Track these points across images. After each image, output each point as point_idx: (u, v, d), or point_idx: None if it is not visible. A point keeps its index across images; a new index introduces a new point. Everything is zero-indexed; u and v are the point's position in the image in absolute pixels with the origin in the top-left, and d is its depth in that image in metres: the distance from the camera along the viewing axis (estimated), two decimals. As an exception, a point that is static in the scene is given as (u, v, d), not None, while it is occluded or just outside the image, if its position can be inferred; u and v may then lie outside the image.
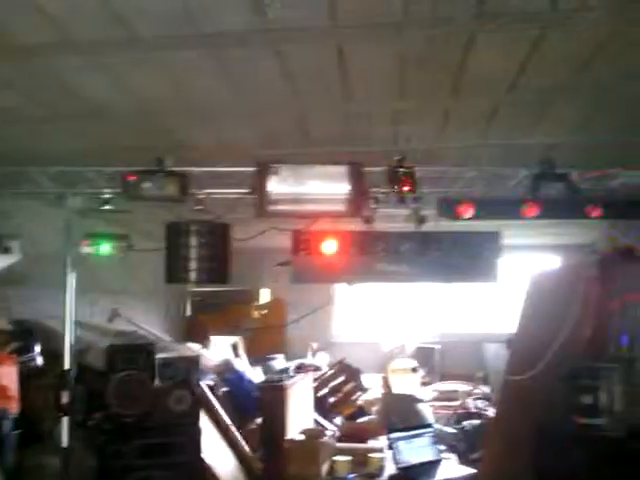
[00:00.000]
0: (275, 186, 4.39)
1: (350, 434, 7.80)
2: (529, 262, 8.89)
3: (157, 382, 5.23)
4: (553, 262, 8.18)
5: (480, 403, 8.77)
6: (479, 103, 4.22)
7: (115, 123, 4.30)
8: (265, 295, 8.91)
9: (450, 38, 3.33)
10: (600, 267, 5.45)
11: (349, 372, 8.82)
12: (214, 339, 8.41)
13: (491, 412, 8.01)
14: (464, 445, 7.76)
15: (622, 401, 5.46)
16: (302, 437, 6.93)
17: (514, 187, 4.68)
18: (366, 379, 8.94)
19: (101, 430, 4.89)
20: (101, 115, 4.18)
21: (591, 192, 4.65)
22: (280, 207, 4.48)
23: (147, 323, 7.59)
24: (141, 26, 3.08)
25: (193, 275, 4.78)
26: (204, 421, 6.01)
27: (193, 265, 4.74)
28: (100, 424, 4.89)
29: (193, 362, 6.26)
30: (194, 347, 7.75)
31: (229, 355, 8.24)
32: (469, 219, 4.67)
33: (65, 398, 4.93)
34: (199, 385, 6.39)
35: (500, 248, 4.90)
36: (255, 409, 7.24)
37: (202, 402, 6.42)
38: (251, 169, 4.30)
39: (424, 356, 9.61)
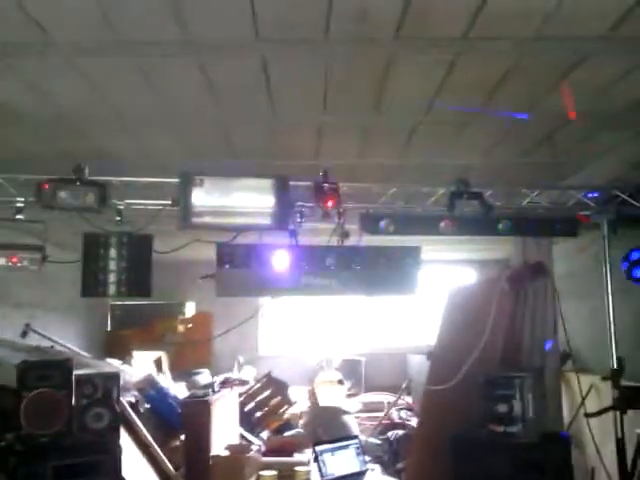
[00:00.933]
0: (199, 198, 4.34)
1: (276, 448, 7.76)
2: (448, 276, 9.23)
3: (74, 400, 5.01)
4: (470, 276, 8.54)
5: (404, 413, 8.97)
6: (399, 122, 4.39)
7: (30, 129, 4.14)
8: (190, 309, 8.75)
9: (371, 57, 3.46)
10: (511, 281, 5.75)
11: (276, 386, 8.79)
12: (136, 354, 8.16)
13: (414, 422, 8.20)
14: (389, 455, 7.90)
15: (534, 409, 5.76)
16: (227, 453, 6.84)
17: (432, 204, 4.86)
18: (293, 392, 8.94)
19: (12, 452, 4.62)
20: (15, 120, 4.02)
21: (503, 210, 4.90)
22: (204, 219, 4.42)
23: (64, 338, 7.27)
24: (57, 30, 3.00)
25: (112, 288, 4.62)
26: (125, 439, 5.81)
27: (112, 278, 4.59)
28: (12, 445, 4.62)
29: (113, 378, 6.04)
30: (114, 363, 7.49)
31: (152, 371, 8.01)
32: (390, 234, 4.80)
33: (-28, 418, 4.62)
34: (119, 402, 6.17)
35: (420, 262, 5.07)
36: (179, 426, 7.07)
37: (123, 420, 6.21)
38: (174, 180, 4.24)
39: (350, 368, 9.72)
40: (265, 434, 8.40)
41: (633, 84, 3.84)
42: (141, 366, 7.95)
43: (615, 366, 5.12)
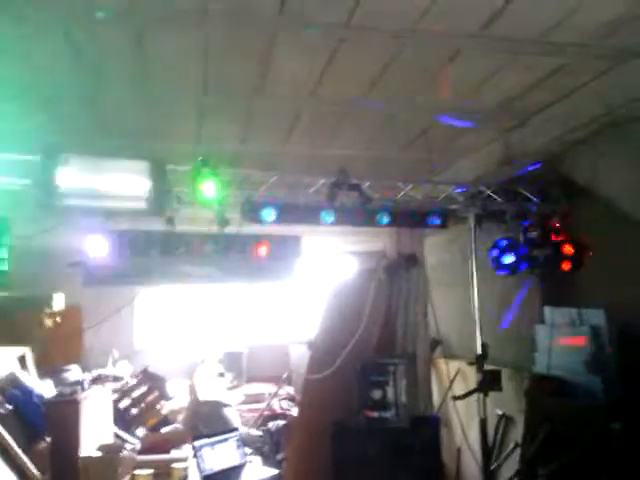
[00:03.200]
0: (66, 178, 4.02)
1: (153, 445, 7.48)
2: (328, 267, 9.43)
3: None
4: (351, 267, 8.78)
5: (285, 404, 9.02)
6: (282, 107, 4.36)
7: None
8: (59, 301, 8.14)
9: (253, 35, 3.39)
10: (387, 271, 6.00)
11: (153, 381, 8.47)
12: (-3, 350, 7.45)
13: (295, 412, 8.28)
14: (270, 446, 7.91)
15: (406, 394, 6.04)
16: (99, 453, 6.48)
17: (313, 194, 4.91)
18: (172, 387, 8.67)
19: None
20: None
21: (380, 202, 5.06)
22: (71, 201, 4.11)
23: None
24: None
25: (-39, 277, 4.17)
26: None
27: (-39, 264, 4.15)
28: None
29: (-36, 377, 5.50)
30: (-32, 360, 6.79)
31: (15, 368, 7.37)
32: (271, 223, 4.78)
33: None
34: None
35: (300, 251, 5.10)
36: (46, 427, 6.59)
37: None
38: (36, 157, 3.89)
39: (232, 361, 9.60)
40: (142, 431, 8.06)
41: (500, 84, 4.11)
42: (2, 363, 7.28)
43: (479, 352, 5.48)
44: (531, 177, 5.31)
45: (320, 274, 8.98)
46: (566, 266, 5.22)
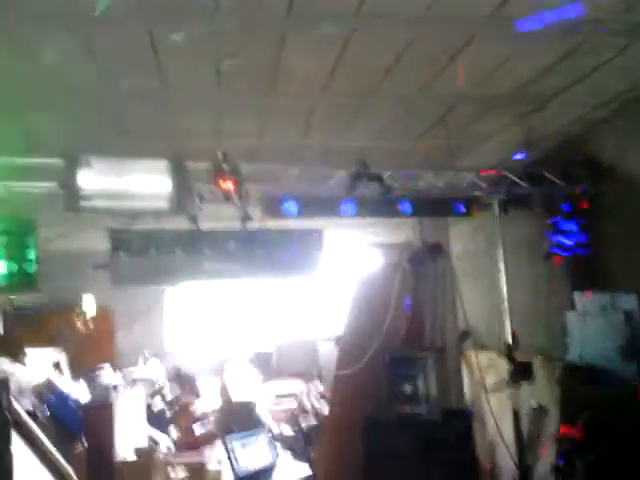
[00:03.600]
0: (87, 180, 4.09)
1: (187, 445, 7.59)
2: (354, 260, 9.39)
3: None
4: (376, 259, 8.71)
5: (316, 402, 9.02)
6: (296, 102, 4.36)
7: None
8: (89, 304, 8.30)
9: (264, 32, 3.40)
10: (411, 262, 5.93)
11: (184, 381, 8.58)
12: (31, 355, 7.63)
13: (326, 409, 8.27)
14: (302, 444, 7.92)
15: (437, 388, 5.96)
16: (134, 457, 6.59)
17: (333, 186, 4.89)
18: (202, 387, 8.76)
19: None
20: None
21: (401, 192, 5.01)
22: (93, 203, 4.18)
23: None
24: None
25: (-9, 281, 4.25)
26: (21, 448, 5.42)
27: (-10, 269, 4.23)
28: None
29: (2, 384, 5.63)
30: (4, 365, 6.96)
31: (50, 372, 7.53)
32: (292, 216, 4.78)
33: None
34: (9, 408, 5.75)
35: (323, 245, 5.09)
36: (82, 431, 6.72)
37: (17, 426, 5.80)
38: (59, 160, 3.96)
39: (261, 360, 9.63)
40: (175, 431, 8.16)
41: (515, 68, 4.03)
42: (38, 367, 7.45)
43: (510, 342, 5.37)
44: (555, 159, 5.19)
45: (344, 268, 8.95)
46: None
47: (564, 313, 5.46)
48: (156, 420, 8.10)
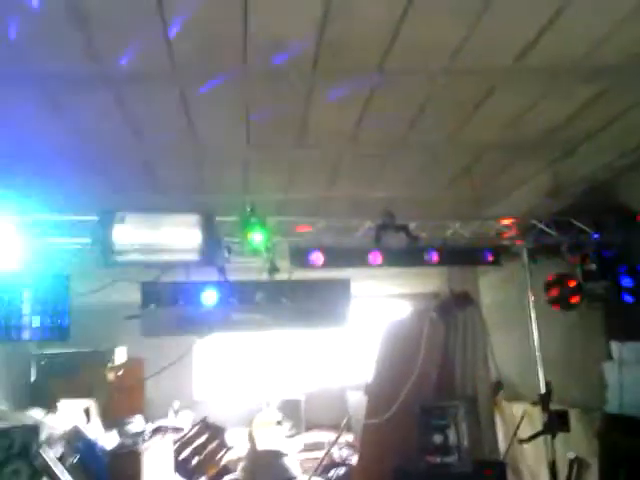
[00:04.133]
0: (121, 235, 4.20)
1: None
2: (382, 310, 9.32)
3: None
4: (404, 309, 8.66)
5: (345, 452, 8.83)
6: (323, 155, 4.46)
7: None
8: (120, 355, 8.41)
9: (291, 89, 3.52)
10: (439, 311, 5.87)
11: (212, 430, 8.52)
12: (63, 404, 7.72)
13: (355, 459, 8.09)
14: (331, 495, 7.74)
15: (469, 438, 5.80)
16: (160, 505, 6.52)
17: (360, 237, 4.92)
18: (230, 436, 8.68)
19: None
20: None
21: (428, 242, 5.01)
22: (128, 257, 4.28)
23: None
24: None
25: (27, 333, 4.36)
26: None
27: (27, 322, 4.33)
28: None
29: (32, 431, 5.69)
30: (36, 414, 7.05)
31: (79, 421, 7.59)
32: (319, 267, 4.81)
33: None
34: (40, 455, 5.79)
35: (350, 295, 5.09)
36: (109, 479, 6.71)
37: (45, 473, 5.82)
38: (93, 218, 4.10)
39: (289, 408, 9.54)
40: (202, 481, 8.07)
41: (540, 115, 4.06)
42: (68, 416, 7.51)
43: (544, 391, 5.23)
44: (583, 207, 5.15)
45: (372, 318, 8.91)
46: (628, 298, 4.97)
47: (600, 363, 5.31)
48: (183, 469, 8.03)
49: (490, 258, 5.15)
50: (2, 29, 2.70)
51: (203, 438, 8.42)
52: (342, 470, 8.11)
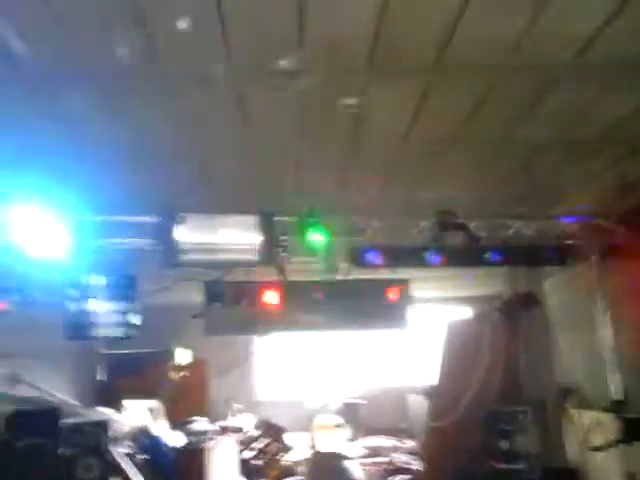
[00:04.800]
0: (183, 235, 4.34)
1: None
2: (441, 314, 9.15)
3: (63, 449, 4.89)
4: (465, 312, 8.46)
5: (407, 457, 8.70)
6: (377, 153, 4.42)
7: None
8: (184, 356, 8.63)
9: (345, 88, 3.52)
10: (503, 312, 5.71)
11: (273, 432, 8.59)
12: (129, 403, 7.98)
13: (418, 465, 7.96)
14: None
15: (537, 444, 5.60)
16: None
17: (418, 237, 4.86)
18: (291, 438, 8.72)
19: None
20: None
21: (489, 241, 4.89)
22: (190, 257, 4.42)
23: (54, 388, 7.12)
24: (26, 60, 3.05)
25: (97, 332, 4.56)
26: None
27: (97, 321, 4.54)
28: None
29: (102, 427, 5.91)
30: (105, 412, 7.32)
31: (146, 420, 7.83)
32: (378, 267, 4.79)
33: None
34: (109, 451, 6.01)
35: (409, 296, 5.04)
36: (175, 476, 6.88)
37: (114, 469, 6.03)
38: (156, 219, 4.24)
39: (349, 412, 9.48)
40: (264, 482, 8.14)
41: (603, 111, 3.89)
42: (135, 415, 7.77)
43: (617, 397, 4.98)
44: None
45: (430, 321, 8.75)
46: None
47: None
48: (244, 469, 8.13)
49: (555, 257, 4.97)
50: (60, 29, 2.82)
51: (265, 439, 8.50)
52: (406, 476, 7.99)
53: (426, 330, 8.62)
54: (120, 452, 6.47)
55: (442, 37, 3.05)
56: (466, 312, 8.36)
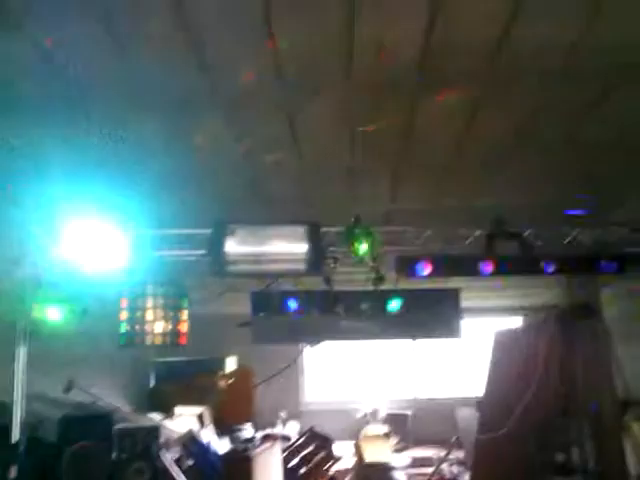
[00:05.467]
0: (233, 246, 4.39)
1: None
2: (494, 324, 8.95)
3: (115, 454, 4.99)
4: (514, 323, 8.25)
5: (455, 469, 8.53)
6: (429, 163, 4.35)
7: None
8: (231, 364, 8.72)
9: (395, 99, 3.47)
10: (559, 322, 5.51)
11: (320, 440, 8.53)
12: (178, 410, 8.11)
13: (466, 477, 7.79)
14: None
15: (595, 457, 5.38)
16: (270, 512, 6.62)
17: (470, 246, 4.75)
18: (338, 447, 8.66)
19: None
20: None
21: (544, 250, 4.74)
22: (239, 267, 4.46)
23: (107, 394, 7.30)
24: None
25: (150, 339, 4.67)
26: (165, 497, 5.71)
27: (150, 328, 4.64)
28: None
29: (153, 432, 5.99)
30: (155, 418, 7.45)
31: (194, 426, 7.93)
32: (427, 276, 4.71)
33: (13, 473, 4.64)
34: (160, 457, 6.10)
35: (460, 305, 4.93)
36: (222, 482, 6.93)
37: (164, 475, 6.12)
38: (206, 231, 4.29)
39: (397, 422, 9.37)
40: (310, 491, 8.10)
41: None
42: (183, 422, 7.88)
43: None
44: None
45: (481, 331, 8.57)
46: None
47: None
48: (291, 477, 8.11)
49: (614, 267, 4.77)
50: (121, 55, 2.89)
51: (311, 448, 8.46)
52: (452, 487, 7.84)
53: (476, 341, 8.43)
54: (169, 458, 6.56)
55: (493, 43, 2.97)
56: (516, 322, 8.15)
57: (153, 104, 3.32)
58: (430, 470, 8.43)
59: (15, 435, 5.19)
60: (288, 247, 4.58)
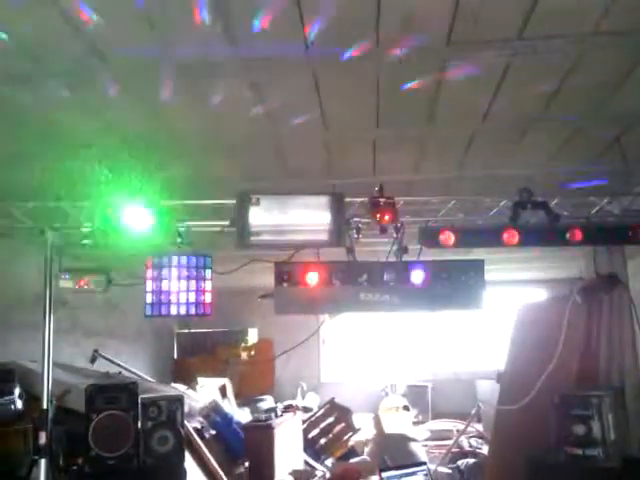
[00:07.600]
0: (256, 217, 4.38)
1: (341, 475, 7.59)
2: (516, 297, 8.89)
3: (140, 422, 5.08)
4: (539, 295, 8.19)
5: (474, 441, 8.60)
6: (455, 133, 4.29)
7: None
8: (252, 336, 8.83)
9: (422, 65, 3.41)
10: (583, 294, 5.45)
11: (339, 412, 8.65)
12: (201, 380, 8.25)
13: (485, 450, 7.84)
14: (459, 484, 7.58)
15: (615, 430, 5.35)
16: (291, 478, 6.74)
17: (494, 216, 4.70)
18: (357, 419, 8.77)
19: (82, 474, 4.71)
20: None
21: (571, 220, 4.67)
22: (262, 238, 4.45)
23: (132, 365, 7.45)
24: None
25: (174, 309, 4.72)
26: (190, 464, 5.83)
27: (174, 299, 4.69)
28: (81, 468, 4.71)
29: (177, 402, 6.09)
30: (179, 388, 7.59)
31: (216, 397, 8.07)
32: (450, 247, 4.66)
33: (42, 439, 4.76)
34: (184, 426, 6.22)
35: (483, 276, 4.88)
36: (243, 452, 7.05)
37: (187, 444, 6.24)
38: (231, 201, 4.29)
39: (416, 395, 9.45)
40: (330, 461, 8.24)
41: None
42: (206, 392, 8.02)
43: None
44: None
45: (505, 304, 8.53)
46: None
47: None
48: (311, 448, 8.25)
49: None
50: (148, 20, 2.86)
51: (331, 419, 8.59)
52: (472, 460, 7.89)
53: (497, 314, 8.40)
54: (192, 427, 6.69)
55: (525, 7, 2.88)
56: (541, 295, 8.09)
57: (174, 67, 3.29)
58: (449, 442, 8.51)
59: (44, 403, 5.33)
60: (311, 217, 4.56)
